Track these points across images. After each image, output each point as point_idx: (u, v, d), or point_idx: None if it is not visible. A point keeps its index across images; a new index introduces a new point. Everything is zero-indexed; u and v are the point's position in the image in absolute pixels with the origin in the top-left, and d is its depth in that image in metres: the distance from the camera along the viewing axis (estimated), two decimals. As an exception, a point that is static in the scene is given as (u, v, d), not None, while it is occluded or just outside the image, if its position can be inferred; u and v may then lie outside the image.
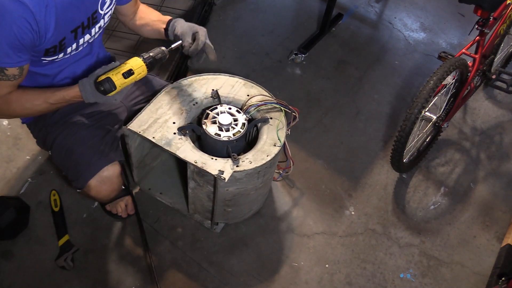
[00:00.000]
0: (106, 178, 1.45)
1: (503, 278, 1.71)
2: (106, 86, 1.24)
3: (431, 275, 1.78)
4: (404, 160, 1.94)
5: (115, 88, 1.25)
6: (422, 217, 1.95)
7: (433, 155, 2.17)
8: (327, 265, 1.75)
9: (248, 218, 1.82)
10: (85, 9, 1.27)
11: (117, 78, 1.25)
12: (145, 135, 1.47)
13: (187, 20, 1.53)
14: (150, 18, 1.54)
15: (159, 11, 2.49)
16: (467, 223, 1.95)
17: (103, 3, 1.33)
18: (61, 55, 1.30)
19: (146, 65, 1.30)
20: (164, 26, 1.48)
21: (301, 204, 1.92)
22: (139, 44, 2.37)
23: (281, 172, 1.93)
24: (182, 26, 1.45)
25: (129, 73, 1.26)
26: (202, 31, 1.44)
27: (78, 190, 1.47)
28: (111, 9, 1.40)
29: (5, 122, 2.03)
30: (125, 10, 1.52)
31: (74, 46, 1.32)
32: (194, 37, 1.42)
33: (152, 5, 2.07)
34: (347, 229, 1.87)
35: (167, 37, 1.50)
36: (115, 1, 1.40)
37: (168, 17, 1.51)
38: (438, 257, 1.83)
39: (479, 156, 2.20)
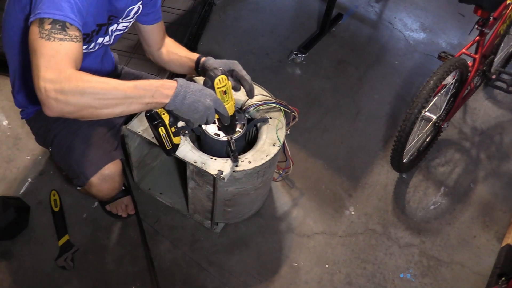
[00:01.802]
0: (107, 176, 1.44)
1: (503, 278, 1.71)
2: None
3: (431, 275, 1.78)
4: (404, 160, 1.94)
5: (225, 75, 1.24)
6: (422, 217, 1.95)
7: (433, 155, 2.17)
8: (327, 265, 1.75)
9: (248, 218, 1.82)
10: (111, 10, 1.27)
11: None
12: (145, 135, 1.47)
13: (187, 20, 1.54)
14: (179, 55, 1.52)
15: (159, 11, 2.50)
16: (467, 223, 1.95)
17: (126, 16, 1.34)
18: (84, 46, 1.28)
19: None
20: (193, 64, 1.47)
21: (301, 204, 1.92)
22: (139, 44, 2.36)
23: (281, 172, 1.93)
24: (216, 62, 1.42)
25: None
26: (238, 65, 1.40)
27: (78, 188, 1.47)
28: (129, 22, 1.40)
29: (5, 122, 2.04)
30: (150, 38, 1.51)
31: (93, 43, 1.31)
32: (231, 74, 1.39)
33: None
34: (347, 229, 1.87)
35: (197, 74, 1.48)
36: (133, 18, 1.40)
37: (196, 54, 1.49)
38: (438, 257, 1.83)
39: (479, 156, 2.20)
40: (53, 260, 1.64)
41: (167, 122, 1.16)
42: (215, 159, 1.42)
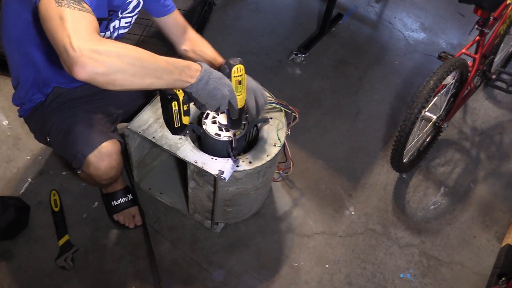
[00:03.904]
0: (105, 154, 1.39)
1: (503, 278, 1.71)
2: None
3: (431, 275, 1.78)
4: (404, 160, 1.94)
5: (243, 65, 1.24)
6: (422, 217, 1.95)
7: (433, 155, 2.17)
8: (327, 265, 1.75)
9: (248, 218, 1.82)
10: (110, 4, 1.28)
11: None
12: (145, 135, 1.47)
13: (187, 20, 1.54)
14: (204, 57, 1.51)
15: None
16: (467, 223, 1.95)
17: (124, 9, 1.35)
18: None
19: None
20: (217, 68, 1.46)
21: (301, 204, 1.92)
22: (139, 44, 2.37)
23: (281, 172, 1.93)
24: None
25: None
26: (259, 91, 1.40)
27: (78, 172, 1.44)
28: (131, 17, 1.41)
29: (5, 122, 2.04)
30: (168, 31, 1.52)
31: None
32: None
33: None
34: (347, 229, 1.87)
35: None
36: (137, 11, 1.40)
37: (221, 59, 1.48)
38: (438, 257, 1.83)
39: (479, 156, 2.20)
40: (53, 260, 1.64)
41: (181, 98, 1.17)
42: (215, 159, 1.42)
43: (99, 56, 0.92)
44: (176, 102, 1.18)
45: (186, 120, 1.24)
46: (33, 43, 1.29)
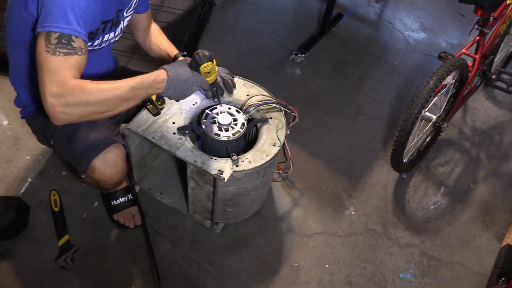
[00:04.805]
0: (110, 160, 1.42)
1: (503, 278, 1.71)
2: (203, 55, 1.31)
3: (431, 275, 1.78)
4: (404, 160, 1.94)
5: (211, 61, 1.33)
6: (422, 217, 1.95)
7: (433, 155, 2.17)
8: (327, 265, 1.75)
9: (248, 218, 1.82)
10: (118, 4, 1.31)
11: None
12: (145, 135, 1.47)
13: (187, 20, 1.55)
14: (160, 47, 1.61)
15: (159, 11, 2.50)
16: (467, 223, 1.95)
17: (129, 7, 1.38)
18: (89, 43, 1.30)
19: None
20: (170, 60, 1.55)
21: (301, 204, 1.92)
22: (134, 44, 2.36)
23: (280, 172, 1.93)
24: None
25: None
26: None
27: (82, 176, 1.45)
28: (130, 15, 1.43)
29: (5, 122, 2.04)
30: (138, 22, 1.57)
31: (98, 40, 1.33)
32: None
33: (152, 5, 2.07)
34: (347, 229, 1.87)
35: None
36: (133, 9, 1.43)
37: (175, 51, 1.58)
38: (438, 257, 1.83)
39: (479, 156, 2.20)
40: (53, 260, 1.64)
41: (154, 98, 1.33)
42: (215, 159, 1.43)
43: (71, 110, 1.08)
44: (151, 105, 1.35)
45: (162, 106, 1.39)
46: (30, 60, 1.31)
